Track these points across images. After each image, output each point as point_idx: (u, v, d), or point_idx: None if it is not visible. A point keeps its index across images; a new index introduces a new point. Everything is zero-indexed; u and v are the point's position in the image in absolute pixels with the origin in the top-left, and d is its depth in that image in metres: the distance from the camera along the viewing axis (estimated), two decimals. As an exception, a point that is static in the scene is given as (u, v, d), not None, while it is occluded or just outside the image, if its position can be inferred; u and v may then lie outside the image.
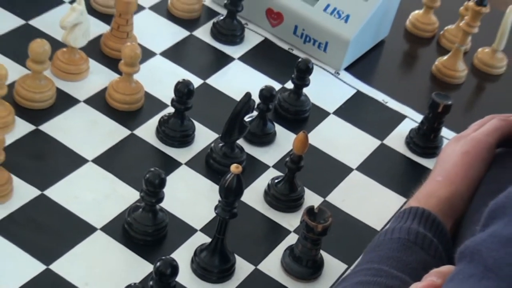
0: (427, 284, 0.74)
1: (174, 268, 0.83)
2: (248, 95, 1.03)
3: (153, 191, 0.92)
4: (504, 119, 1.04)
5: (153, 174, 0.91)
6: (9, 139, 0.99)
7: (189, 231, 0.98)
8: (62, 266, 0.90)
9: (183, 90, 1.04)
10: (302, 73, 1.13)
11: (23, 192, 0.96)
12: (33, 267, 0.89)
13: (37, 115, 1.06)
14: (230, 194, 0.89)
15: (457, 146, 1.02)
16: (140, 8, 1.24)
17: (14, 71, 1.06)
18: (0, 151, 0.91)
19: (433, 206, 0.95)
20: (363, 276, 0.87)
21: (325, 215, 0.93)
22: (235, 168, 0.88)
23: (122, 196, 0.99)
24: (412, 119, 1.21)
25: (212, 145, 1.07)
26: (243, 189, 0.90)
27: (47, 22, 1.19)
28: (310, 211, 0.93)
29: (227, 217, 0.90)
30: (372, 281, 0.85)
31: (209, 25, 1.27)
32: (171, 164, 1.05)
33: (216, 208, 0.90)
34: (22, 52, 1.06)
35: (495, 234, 0.66)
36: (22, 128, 1.04)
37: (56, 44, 1.11)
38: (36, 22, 1.20)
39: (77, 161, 1.02)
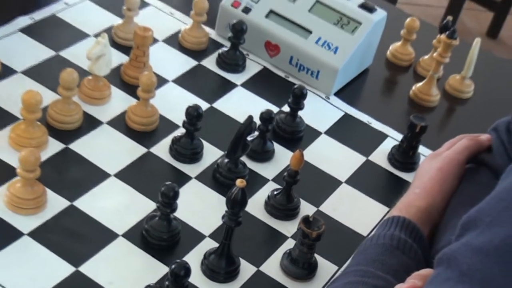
0: (410, 286, 0.75)
1: (187, 270, 0.84)
2: (250, 118, 1.03)
3: (167, 202, 0.93)
4: (472, 138, 1.05)
5: (168, 187, 0.92)
6: (43, 156, 0.99)
7: (199, 237, 0.98)
8: (89, 268, 0.90)
9: (193, 113, 1.05)
10: (297, 98, 1.13)
11: (55, 203, 0.97)
12: (64, 269, 0.89)
13: (66, 135, 1.06)
14: (236, 205, 0.89)
15: (433, 162, 1.03)
16: (155, 40, 1.24)
17: (47, 97, 1.06)
18: (36, 167, 0.92)
19: (412, 215, 0.95)
20: (352, 276, 0.87)
21: (319, 223, 0.94)
22: (240, 182, 0.88)
23: (141, 206, 1.00)
24: (393, 138, 1.21)
25: (219, 161, 1.07)
26: (247, 201, 0.90)
27: (75, 53, 1.20)
28: (305, 219, 0.94)
29: (233, 225, 0.91)
30: (360, 281, 0.85)
31: (215, 55, 1.27)
32: (183, 178, 1.05)
33: (223, 217, 0.91)
34: (54, 80, 1.07)
35: (468, 243, 0.67)
36: (54, 146, 1.04)
37: (83, 73, 1.11)
38: (65, 53, 1.20)
39: (101, 175, 1.02)
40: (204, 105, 1.16)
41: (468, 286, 0.63)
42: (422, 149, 1.18)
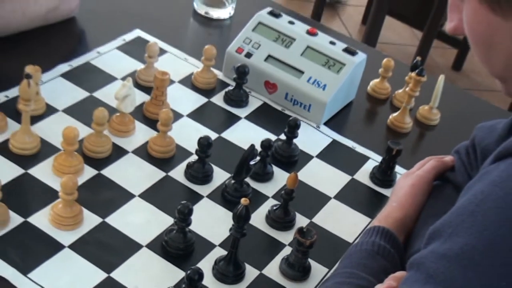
0: (387, 286, 0.76)
1: (200, 275, 0.84)
2: (252, 146, 1.04)
3: (183, 218, 0.93)
4: (438, 160, 1.06)
5: (183, 205, 0.93)
6: (80, 181, 1.00)
7: (210, 246, 0.98)
8: (119, 274, 0.91)
9: (204, 143, 1.05)
10: (292, 128, 1.13)
11: (90, 220, 0.97)
12: (98, 276, 0.90)
13: (99, 163, 1.07)
14: (241, 220, 0.90)
15: (406, 180, 1.03)
16: (172, 82, 1.24)
17: (82, 131, 1.07)
18: (74, 190, 0.93)
19: (390, 225, 0.95)
20: (340, 277, 0.87)
21: (312, 233, 0.94)
22: (244, 201, 0.89)
23: (161, 221, 1.00)
24: (374, 159, 1.21)
25: (226, 182, 1.07)
26: (250, 216, 0.91)
27: (106, 94, 1.20)
28: (300, 230, 0.94)
29: (238, 236, 0.91)
30: (347, 281, 0.86)
31: (222, 93, 1.27)
32: (196, 197, 1.05)
33: (230, 229, 0.91)
34: (88, 117, 1.07)
35: (434, 251, 0.67)
36: (88, 173, 1.05)
37: (112, 110, 1.11)
38: (97, 94, 1.20)
39: (127, 196, 1.03)
40: (213, 135, 1.16)
41: (433, 286, 0.64)
42: (398, 169, 1.17)
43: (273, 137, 1.19)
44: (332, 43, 1.29)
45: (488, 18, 0.71)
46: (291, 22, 1.31)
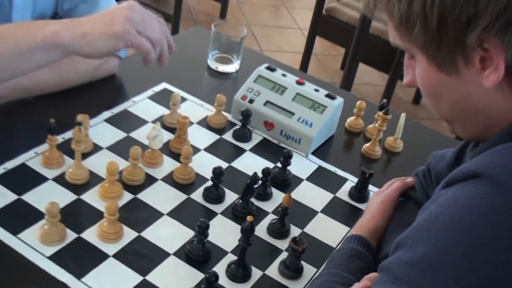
0: (363, 285, 0.76)
1: (216, 277, 0.86)
2: (255, 173, 1.06)
3: (202, 231, 0.95)
4: (402, 181, 1.06)
5: (202, 222, 0.94)
6: (120, 203, 1.01)
7: (224, 253, 0.99)
8: (152, 277, 0.92)
9: (217, 171, 1.06)
10: (286, 158, 1.14)
11: (128, 234, 0.98)
12: (136, 278, 0.91)
13: (135, 189, 1.08)
14: (247, 233, 0.91)
15: (377, 198, 1.04)
16: (191, 123, 1.25)
17: (122, 164, 1.08)
18: (116, 212, 0.95)
19: (365, 233, 0.96)
20: (326, 277, 0.88)
21: (303, 241, 0.95)
22: (249, 218, 0.91)
23: (184, 234, 1.00)
24: (351, 181, 1.21)
25: (236, 202, 1.08)
26: (254, 229, 0.92)
27: (140, 134, 1.20)
28: (294, 239, 0.95)
29: (245, 245, 0.92)
30: (331, 280, 0.86)
31: (231, 131, 1.27)
32: (211, 214, 1.06)
33: (239, 240, 0.92)
34: (126, 153, 1.08)
35: (398, 258, 0.68)
36: (127, 197, 1.06)
37: (144, 147, 1.13)
38: (133, 135, 1.21)
39: (158, 214, 1.03)
40: (224, 165, 1.17)
41: (399, 287, 0.65)
42: (371, 187, 1.17)
43: (271, 165, 1.20)
44: (316, 90, 1.30)
45: (436, 75, 0.73)
46: (283, 75, 1.33)
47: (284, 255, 1.00)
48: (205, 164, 1.15)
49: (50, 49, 1.01)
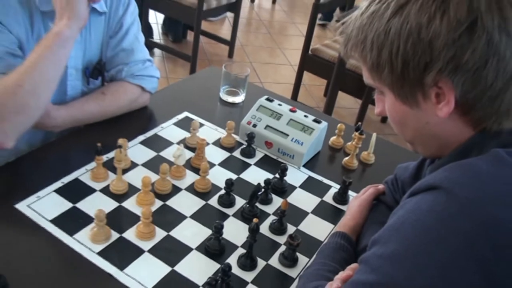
0: (346, 275, 0.75)
1: (230, 267, 0.85)
2: (258, 184, 1.05)
3: (217, 230, 0.95)
4: (375, 187, 1.06)
5: (217, 223, 0.94)
6: (153, 209, 1.01)
7: (235, 248, 0.98)
8: (179, 267, 0.92)
9: (229, 182, 1.07)
10: (283, 170, 1.14)
11: (160, 233, 0.98)
12: (166, 269, 0.91)
13: (164, 197, 1.07)
14: (253, 232, 0.91)
15: (355, 201, 1.04)
16: (207, 144, 1.26)
17: (153, 177, 1.08)
18: (150, 216, 0.95)
19: (346, 230, 0.96)
20: (316, 266, 0.88)
21: (298, 237, 0.95)
22: (255, 220, 0.91)
23: (204, 233, 1.00)
24: (335, 187, 1.20)
25: (244, 206, 1.08)
26: (259, 228, 0.92)
27: (167, 153, 1.20)
28: (290, 236, 0.95)
29: (252, 242, 0.93)
30: (321, 268, 0.86)
31: (239, 150, 1.27)
32: (225, 216, 1.06)
33: (247, 237, 0.92)
34: (157, 168, 1.08)
35: (374, 253, 0.68)
36: (158, 203, 1.06)
37: (171, 164, 1.12)
38: (162, 154, 1.20)
39: (182, 217, 1.03)
40: (234, 177, 1.17)
41: (375, 276, 0.64)
42: (350, 193, 1.17)
43: (271, 176, 1.19)
44: (305, 116, 1.30)
45: (401, 108, 0.73)
46: (279, 104, 1.33)
47: (283, 248, 1.00)
48: (219, 176, 1.16)
49: (63, 41, 1.04)
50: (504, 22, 0.63)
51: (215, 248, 0.96)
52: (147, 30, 3.52)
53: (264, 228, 1.04)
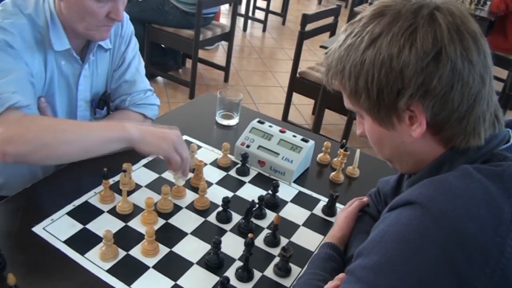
0: (334, 285, 0.75)
1: (228, 279, 0.85)
2: (253, 201, 1.05)
3: (216, 245, 0.94)
4: (360, 200, 1.06)
5: (216, 239, 0.94)
6: (156, 227, 1.01)
7: (233, 261, 0.98)
8: (181, 281, 0.91)
9: (225, 200, 1.07)
10: (275, 187, 1.15)
11: (163, 250, 0.98)
12: (170, 283, 0.90)
13: (166, 216, 1.07)
14: (249, 246, 0.91)
15: (342, 214, 1.03)
16: (205, 164, 1.25)
17: (156, 198, 1.08)
18: (153, 234, 0.94)
19: (335, 241, 0.95)
20: (308, 275, 0.87)
21: (290, 249, 0.95)
22: (250, 235, 0.91)
23: (203, 248, 0.99)
24: (323, 201, 1.20)
25: (240, 221, 1.08)
26: (254, 242, 0.92)
27: (168, 175, 1.20)
28: (283, 248, 0.95)
29: (248, 255, 0.92)
30: (312, 278, 0.85)
31: (234, 169, 1.27)
32: (223, 232, 1.05)
33: (243, 251, 0.92)
34: (159, 189, 1.08)
35: (359, 264, 0.68)
36: (161, 222, 1.05)
37: (172, 184, 1.13)
38: (164, 175, 1.20)
39: (183, 234, 1.03)
40: (230, 194, 1.17)
41: (360, 286, 0.64)
42: (337, 205, 1.17)
43: (264, 192, 1.19)
44: (294, 136, 1.30)
45: (378, 130, 0.74)
46: (270, 126, 1.33)
47: (277, 260, 0.99)
48: (216, 194, 1.15)
49: (121, 141, 1.02)
50: (466, 52, 0.65)
51: (214, 261, 0.95)
52: (161, 52, 3.53)
53: (259, 241, 1.04)
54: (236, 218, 1.09)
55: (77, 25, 1.08)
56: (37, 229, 0.98)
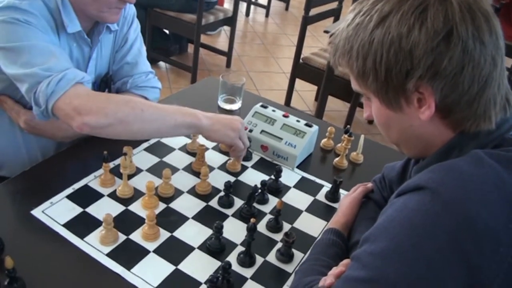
0: (339, 271, 0.73)
1: (229, 264, 0.84)
2: (255, 186, 1.04)
3: (218, 230, 0.93)
4: (364, 186, 1.05)
5: (218, 223, 0.93)
6: (157, 211, 1.00)
7: (234, 246, 0.97)
8: (182, 266, 0.90)
9: (228, 185, 1.05)
10: (278, 172, 1.13)
11: (164, 234, 0.96)
12: (170, 267, 0.89)
13: (167, 200, 1.06)
14: (251, 231, 0.90)
15: (346, 199, 1.02)
16: (207, 149, 1.24)
17: (157, 182, 1.07)
18: (154, 218, 0.93)
19: (338, 226, 0.94)
20: (311, 261, 0.86)
21: (293, 235, 0.93)
22: (253, 220, 0.90)
23: (205, 232, 0.98)
24: (327, 186, 1.19)
25: (242, 206, 1.06)
26: (257, 227, 0.91)
27: (170, 159, 1.18)
28: (286, 233, 0.94)
29: (250, 240, 0.91)
30: (316, 263, 0.85)
31: None
32: (224, 217, 1.04)
33: (246, 236, 0.91)
34: (160, 173, 1.07)
35: (365, 250, 0.66)
36: (162, 206, 1.04)
37: (173, 168, 1.11)
38: (165, 159, 1.18)
39: (185, 218, 1.01)
40: (232, 179, 1.15)
41: (366, 272, 0.63)
42: (341, 191, 1.16)
43: (267, 178, 1.18)
44: (298, 120, 1.28)
45: (386, 112, 0.72)
46: (273, 110, 1.31)
47: (279, 245, 0.98)
48: (218, 179, 1.14)
49: (191, 127, 1.06)
50: (477, 32, 0.63)
51: (216, 246, 0.94)
52: (163, 36, 3.50)
53: (261, 227, 1.03)
54: (238, 203, 1.08)
55: (89, 7, 1.07)
56: (36, 212, 0.97)
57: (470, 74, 0.63)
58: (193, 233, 0.98)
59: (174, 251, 0.93)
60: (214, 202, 1.07)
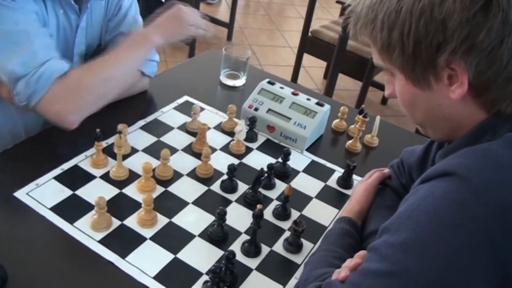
0: (355, 263, 0.72)
1: (233, 254, 0.83)
2: (261, 169, 1.03)
3: (220, 217, 0.92)
4: (380, 171, 1.04)
5: (220, 209, 0.92)
6: (154, 195, 0.99)
7: (238, 234, 0.96)
8: (181, 255, 0.89)
9: (231, 167, 1.04)
10: (286, 154, 1.12)
11: (161, 220, 0.96)
12: (169, 256, 0.89)
13: (165, 183, 1.05)
14: (257, 218, 0.89)
15: (361, 186, 1.01)
16: (209, 128, 1.23)
17: (154, 163, 1.06)
18: (151, 203, 0.92)
19: (352, 215, 0.93)
20: (322, 252, 0.86)
21: (302, 223, 0.93)
22: (259, 206, 0.89)
23: (206, 219, 0.98)
24: (339, 171, 1.18)
25: (247, 191, 1.06)
26: (263, 214, 0.90)
27: (168, 138, 1.17)
28: (295, 221, 0.93)
29: (256, 228, 0.90)
30: (327, 254, 0.84)
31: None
32: (228, 202, 1.03)
33: (251, 223, 0.90)
34: (157, 154, 1.06)
35: (384, 241, 0.65)
36: (159, 190, 1.03)
37: (172, 148, 1.10)
38: (163, 139, 1.18)
39: (184, 204, 1.01)
40: (236, 162, 1.15)
41: (386, 265, 0.62)
42: (354, 177, 1.15)
43: (274, 161, 1.17)
44: (308, 99, 1.27)
45: (411, 90, 0.70)
46: (281, 87, 1.30)
47: (287, 234, 0.97)
48: (221, 161, 1.13)
49: (148, 49, 1.17)
50: None
51: (218, 234, 0.93)
52: (159, 4, 3.46)
53: (268, 214, 1.02)
54: (243, 187, 1.07)
55: None
56: (20, 194, 0.96)
57: (509, 48, 0.61)
58: (193, 219, 0.97)
59: (172, 238, 0.92)
60: (216, 186, 1.06)
